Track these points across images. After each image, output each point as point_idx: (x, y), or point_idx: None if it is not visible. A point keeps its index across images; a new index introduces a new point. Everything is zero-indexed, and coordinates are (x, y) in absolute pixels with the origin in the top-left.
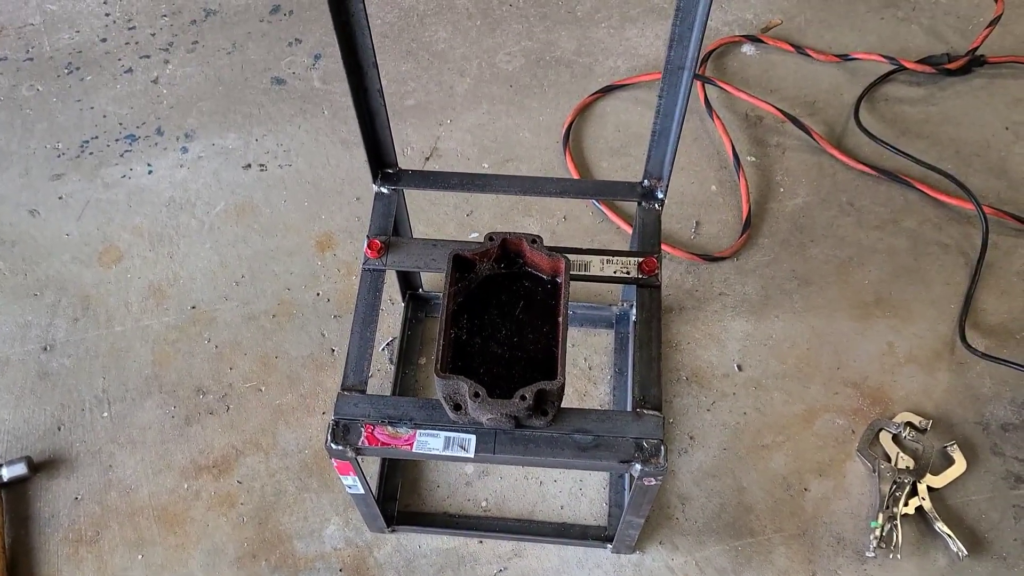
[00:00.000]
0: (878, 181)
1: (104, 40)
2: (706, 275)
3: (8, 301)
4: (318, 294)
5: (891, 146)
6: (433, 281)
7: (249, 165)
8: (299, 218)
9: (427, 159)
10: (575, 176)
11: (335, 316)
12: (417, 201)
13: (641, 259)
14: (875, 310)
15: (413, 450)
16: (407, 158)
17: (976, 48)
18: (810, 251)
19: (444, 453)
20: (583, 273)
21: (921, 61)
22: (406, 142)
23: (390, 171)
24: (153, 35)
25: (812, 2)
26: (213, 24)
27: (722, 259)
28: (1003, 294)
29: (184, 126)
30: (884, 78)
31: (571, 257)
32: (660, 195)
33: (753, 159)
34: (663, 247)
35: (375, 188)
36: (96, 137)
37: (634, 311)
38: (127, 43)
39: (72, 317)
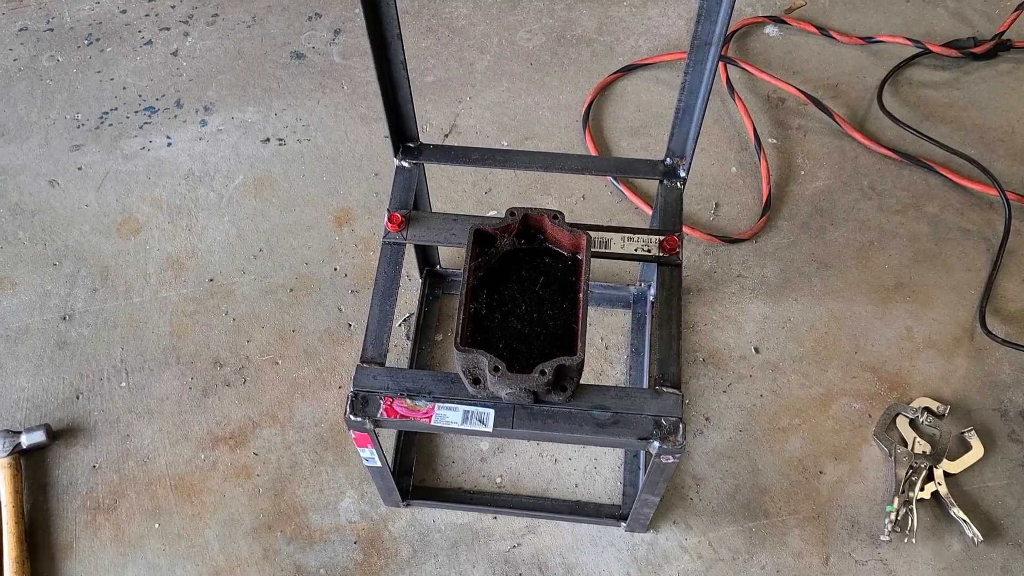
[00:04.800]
0: (900, 165)
1: (124, 12)
2: (725, 257)
3: (28, 271)
4: (335, 269)
5: (914, 130)
6: (451, 258)
7: (268, 139)
8: (317, 193)
9: (446, 136)
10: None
11: (352, 291)
12: (435, 178)
13: (663, 237)
14: (895, 295)
15: (432, 423)
16: (426, 135)
17: (1003, 32)
18: (830, 234)
19: (463, 426)
20: (604, 250)
21: (946, 45)
22: (425, 119)
23: (411, 145)
24: (173, 7)
25: None
26: None
27: (741, 241)
28: None
29: (203, 99)
30: (908, 61)
31: (592, 234)
32: (682, 173)
33: (774, 141)
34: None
35: (396, 162)
36: (116, 109)
37: (652, 291)
38: (147, 15)
39: (91, 287)
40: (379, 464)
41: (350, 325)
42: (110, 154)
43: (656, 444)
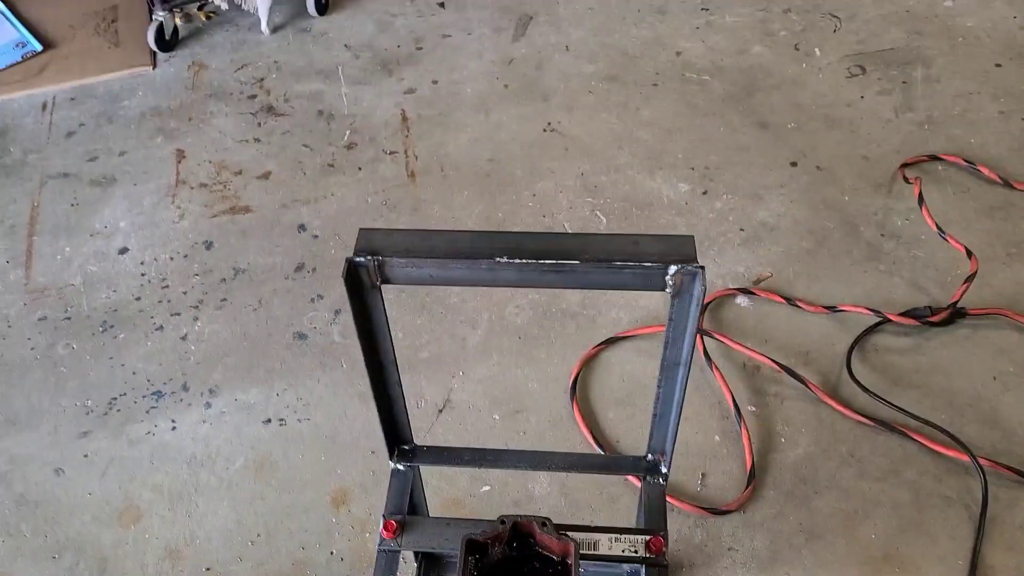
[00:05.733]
0: (876, 431)
1: (138, 299)
2: (714, 529)
3: (27, 564)
4: (332, 553)
5: (884, 399)
6: None
7: (269, 420)
8: (315, 473)
9: (440, 411)
10: (583, 428)
11: None
12: None
13: (648, 538)
14: (883, 566)
15: None
16: (421, 411)
17: (956, 301)
18: (815, 503)
19: None
20: (591, 552)
21: (904, 314)
22: (420, 394)
23: (406, 448)
24: (185, 293)
25: (798, 255)
26: (241, 282)
27: (729, 512)
28: (1009, 548)
29: (209, 381)
30: (872, 329)
31: (579, 535)
32: (664, 470)
33: (753, 409)
34: (670, 500)
35: (391, 465)
36: (124, 394)
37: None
38: (160, 301)
39: None
40: None
41: None
42: (116, 440)
43: None
